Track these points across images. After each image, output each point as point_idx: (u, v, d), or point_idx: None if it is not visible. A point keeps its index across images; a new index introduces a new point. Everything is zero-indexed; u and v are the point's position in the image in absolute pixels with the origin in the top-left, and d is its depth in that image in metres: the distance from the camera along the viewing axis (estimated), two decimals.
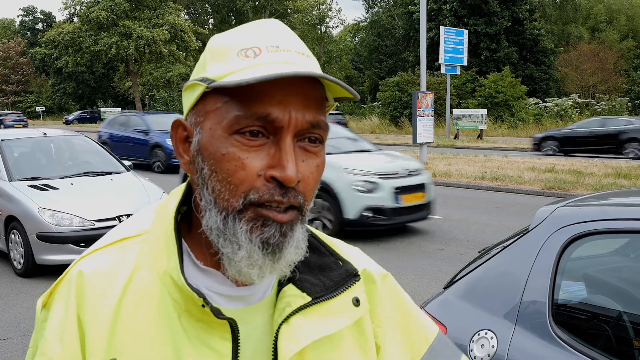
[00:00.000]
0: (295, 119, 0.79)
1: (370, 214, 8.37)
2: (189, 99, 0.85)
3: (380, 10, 56.68)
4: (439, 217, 10.44)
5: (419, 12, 22.23)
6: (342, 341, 0.93)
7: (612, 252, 2.72)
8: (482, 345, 2.29)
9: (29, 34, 79.49)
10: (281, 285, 0.91)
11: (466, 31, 32.16)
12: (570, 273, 2.43)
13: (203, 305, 0.80)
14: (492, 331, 2.29)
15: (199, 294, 0.80)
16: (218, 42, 0.86)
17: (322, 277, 0.93)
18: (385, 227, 8.64)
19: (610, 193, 3.05)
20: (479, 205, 11.61)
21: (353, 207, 8.34)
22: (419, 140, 17.93)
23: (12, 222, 7.19)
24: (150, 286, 0.84)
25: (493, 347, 2.25)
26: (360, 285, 0.97)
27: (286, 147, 0.79)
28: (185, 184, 0.92)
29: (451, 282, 2.72)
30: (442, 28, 30.14)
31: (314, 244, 0.97)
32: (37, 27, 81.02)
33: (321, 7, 52.51)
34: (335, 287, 0.92)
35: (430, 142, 19.16)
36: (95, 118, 58.06)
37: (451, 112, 31.11)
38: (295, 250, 0.83)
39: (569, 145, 21.83)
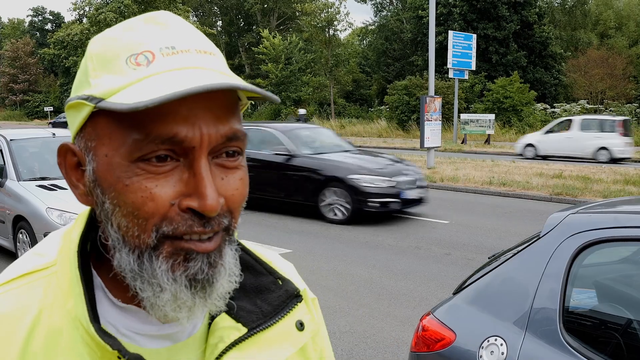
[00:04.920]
0: (207, 135, 0.67)
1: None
2: (74, 120, 0.72)
3: (389, 14, 56.65)
4: (446, 221, 10.42)
5: (428, 16, 22.23)
6: None
7: (623, 260, 2.70)
8: (492, 351, 2.28)
9: (37, 34, 79.90)
10: (213, 316, 0.79)
11: (475, 36, 32.06)
12: (582, 280, 2.42)
13: (119, 357, 0.69)
14: (501, 338, 2.28)
15: (114, 346, 0.68)
16: (101, 46, 0.71)
17: (260, 302, 0.83)
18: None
19: (621, 200, 3.04)
20: (486, 211, 11.57)
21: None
22: (426, 145, 17.93)
23: (20, 222, 7.20)
24: (61, 330, 0.71)
25: (503, 353, 2.24)
26: (303, 307, 0.88)
27: (202, 172, 0.66)
28: (90, 208, 0.78)
29: (460, 288, 2.72)
30: (450, 32, 30.06)
31: (249, 262, 0.86)
32: (46, 27, 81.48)
33: (329, 10, 52.55)
34: (274, 312, 0.82)
35: (438, 147, 19.15)
36: None
37: (459, 117, 31.03)
38: (228, 279, 0.72)
39: None
